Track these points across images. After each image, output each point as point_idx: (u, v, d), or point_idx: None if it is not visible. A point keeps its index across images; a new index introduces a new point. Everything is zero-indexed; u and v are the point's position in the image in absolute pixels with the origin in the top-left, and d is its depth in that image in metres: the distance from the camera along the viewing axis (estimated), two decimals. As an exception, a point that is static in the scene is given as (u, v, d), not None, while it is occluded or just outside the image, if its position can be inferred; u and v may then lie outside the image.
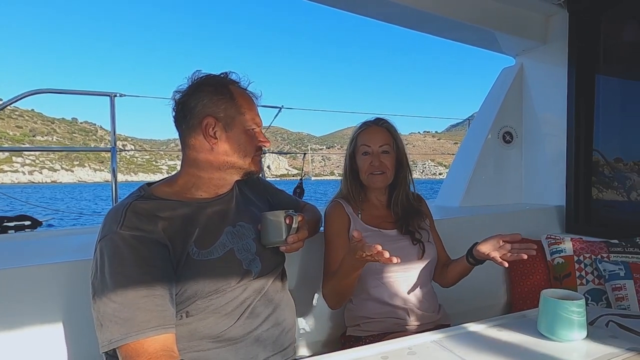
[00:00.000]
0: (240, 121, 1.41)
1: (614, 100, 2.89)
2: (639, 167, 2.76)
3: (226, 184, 1.49)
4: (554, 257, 2.46)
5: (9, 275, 1.46)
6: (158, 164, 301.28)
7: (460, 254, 2.08)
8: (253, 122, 1.45)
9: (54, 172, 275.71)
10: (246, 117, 1.42)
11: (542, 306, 1.19)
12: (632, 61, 2.86)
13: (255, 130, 1.46)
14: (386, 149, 1.89)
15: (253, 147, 1.45)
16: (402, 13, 2.77)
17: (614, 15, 2.85)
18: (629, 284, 2.12)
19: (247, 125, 1.43)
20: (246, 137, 1.43)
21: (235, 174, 1.47)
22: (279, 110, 5.16)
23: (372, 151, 1.89)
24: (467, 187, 3.23)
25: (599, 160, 2.92)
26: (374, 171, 1.88)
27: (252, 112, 1.45)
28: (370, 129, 1.94)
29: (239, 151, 1.42)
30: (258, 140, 1.47)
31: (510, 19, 3.02)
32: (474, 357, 1.07)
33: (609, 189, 2.91)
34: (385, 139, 1.91)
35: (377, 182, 1.90)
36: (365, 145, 1.91)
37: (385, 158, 1.89)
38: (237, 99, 1.41)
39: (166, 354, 1.10)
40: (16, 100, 3.23)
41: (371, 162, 1.88)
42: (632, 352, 1.07)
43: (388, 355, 1.09)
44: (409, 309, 1.81)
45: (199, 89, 1.41)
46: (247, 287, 1.40)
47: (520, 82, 3.42)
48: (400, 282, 1.82)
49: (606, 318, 1.25)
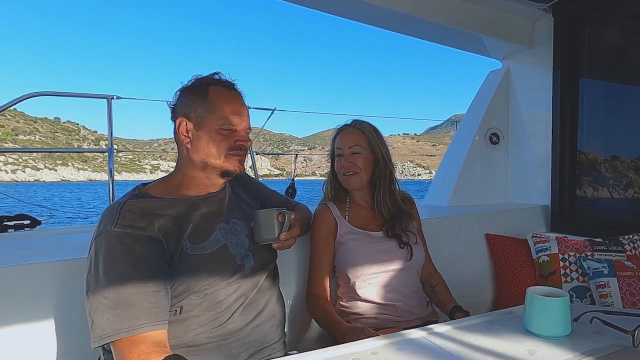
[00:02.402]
0: (210, 120, 1.39)
1: (598, 103, 2.91)
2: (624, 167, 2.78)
3: (213, 184, 1.48)
4: (539, 255, 2.47)
5: (8, 274, 1.46)
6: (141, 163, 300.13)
7: (447, 252, 2.11)
8: (226, 121, 1.40)
9: (37, 171, 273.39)
10: (217, 115, 1.39)
11: (527, 303, 1.19)
12: (615, 65, 2.88)
13: (229, 129, 1.41)
14: (356, 149, 1.89)
15: (226, 146, 1.41)
16: (392, 17, 2.76)
17: (598, 20, 2.86)
18: (613, 282, 2.13)
19: (218, 125, 1.39)
20: (217, 136, 1.40)
21: (214, 173, 1.44)
22: (271, 113, 5.15)
23: (343, 153, 1.91)
24: (455, 187, 3.24)
25: (584, 159, 2.94)
26: (345, 172, 1.90)
27: (226, 111, 1.40)
28: (344, 132, 1.95)
29: (210, 150, 1.41)
30: (234, 139, 1.42)
31: (497, 23, 3.03)
32: (461, 352, 1.07)
33: (592, 188, 2.93)
34: (355, 139, 1.91)
35: (349, 183, 1.91)
36: (338, 147, 1.93)
37: (355, 158, 1.89)
38: (210, 98, 1.40)
39: (158, 350, 1.10)
40: (15, 103, 3.22)
41: (342, 163, 1.90)
42: (615, 347, 1.07)
43: (378, 351, 1.08)
44: (397, 307, 1.82)
45: (183, 92, 1.44)
46: (240, 283, 1.41)
47: (506, 85, 3.43)
48: (387, 282, 1.83)
49: (590, 315, 1.25)
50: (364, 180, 1.92)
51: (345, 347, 1.11)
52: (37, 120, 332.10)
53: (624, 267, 2.18)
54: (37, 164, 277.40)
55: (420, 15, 2.72)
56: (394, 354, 1.07)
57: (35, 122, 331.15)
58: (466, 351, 1.08)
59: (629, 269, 2.16)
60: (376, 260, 1.82)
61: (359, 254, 1.83)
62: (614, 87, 2.94)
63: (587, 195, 2.95)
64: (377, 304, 1.81)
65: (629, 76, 2.83)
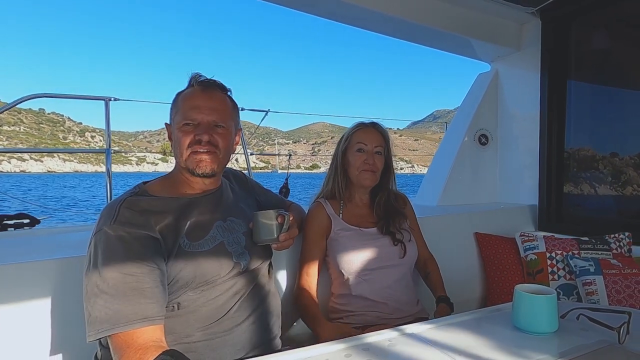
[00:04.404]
0: (175, 120, 1.41)
1: (584, 105, 2.93)
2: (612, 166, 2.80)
3: (204, 183, 1.48)
4: (527, 253, 2.48)
5: (8, 271, 1.46)
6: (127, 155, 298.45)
7: (437, 251, 2.11)
8: (184, 117, 1.39)
9: (22, 162, 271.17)
10: (179, 114, 1.40)
11: (515, 300, 1.20)
12: (601, 67, 2.90)
13: (188, 124, 1.39)
14: (379, 150, 1.93)
15: (186, 142, 1.39)
16: (382, 20, 2.76)
17: (584, 23, 2.88)
18: (599, 279, 2.14)
19: (180, 122, 1.39)
20: (179, 133, 1.39)
21: (188, 174, 1.43)
22: (265, 114, 5.15)
23: (367, 149, 1.91)
24: (445, 187, 3.25)
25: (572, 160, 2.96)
26: (367, 169, 1.90)
27: (185, 107, 1.39)
28: (367, 129, 1.96)
29: (176, 150, 1.42)
30: (193, 134, 1.39)
31: (486, 26, 3.05)
32: (451, 348, 1.07)
33: (579, 187, 2.95)
34: (379, 140, 1.94)
35: (367, 179, 1.92)
36: (361, 142, 1.93)
37: (377, 159, 1.92)
38: (178, 99, 1.42)
39: (155, 345, 1.10)
40: (15, 104, 3.24)
41: (365, 159, 1.90)
42: (602, 344, 1.07)
43: (369, 347, 1.08)
44: (389, 304, 1.82)
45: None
46: (236, 280, 1.41)
47: (495, 87, 3.45)
48: (380, 279, 1.83)
49: (577, 312, 1.26)
50: (378, 180, 1.96)
51: (338, 344, 1.11)
52: (21, 111, 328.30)
53: (610, 265, 2.19)
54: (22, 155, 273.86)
55: (411, 19, 2.72)
56: (386, 349, 1.07)
57: (19, 113, 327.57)
58: (456, 347, 1.08)
59: (614, 267, 2.18)
60: (370, 256, 1.82)
61: (352, 250, 1.83)
62: (600, 89, 2.95)
63: (574, 194, 2.97)
64: (369, 301, 1.81)
65: (614, 78, 2.85)
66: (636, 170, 2.66)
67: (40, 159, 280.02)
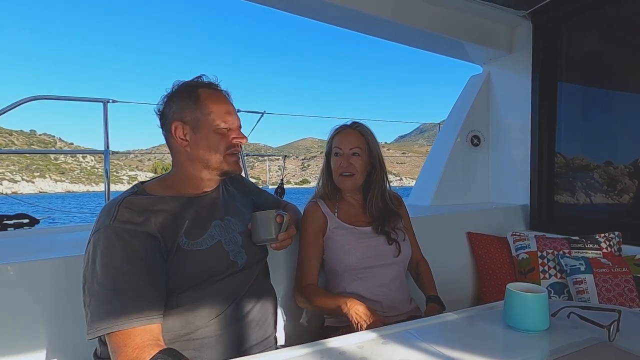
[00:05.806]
0: (207, 122, 1.40)
1: (575, 106, 2.94)
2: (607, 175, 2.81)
3: (208, 183, 1.49)
4: (518, 252, 2.48)
5: (7, 271, 1.46)
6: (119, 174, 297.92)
7: (430, 250, 2.11)
8: (222, 121, 1.41)
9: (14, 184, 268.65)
10: (212, 117, 1.40)
11: (507, 299, 1.20)
12: (591, 69, 2.91)
13: (225, 128, 1.43)
14: (356, 151, 1.89)
15: (223, 145, 1.42)
16: (374, 22, 2.76)
17: (575, 26, 2.90)
18: (589, 278, 2.14)
19: (215, 125, 1.40)
20: (215, 136, 1.41)
21: (212, 173, 1.46)
22: (260, 116, 5.13)
23: (342, 153, 1.89)
24: (437, 187, 3.27)
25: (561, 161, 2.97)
26: (342, 172, 1.89)
27: (220, 111, 1.42)
28: (344, 132, 1.94)
29: (209, 151, 1.41)
30: (231, 138, 1.44)
31: (478, 29, 3.06)
32: (444, 346, 1.07)
33: (576, 197, 2.96)
34: (355, 141, 1.90)
35: (345, 183, 1.90)
36: (337, 147, 1.91)
37: (354, 160, 1.88)
38: (203, 101, 1.40)
39: (153, 343, 1.09)
40: (13, 107, 3.24)
41: (341, 163, 1.89)
42: (592, 341, 1.08)
43: (363, 345, 1.08)
44: (383, 302, 1.82)
45: (171, 98, 1.44)
46: (233, 279, 1.41)
47: (487, 89, 3.46)
48: (374, 277, 1.83)
49: (568, 310, 1.26)
50: (359, 182, 1.92)
51: (333, 341, 1.11)
52: (12, 133, 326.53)
53: (600, 264, 2.20)
54: (14, 177, 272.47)
55: (404, 21, 2.73)
56: (379, 347, 1.07)
57: (10, 135, 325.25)
58: (448, 345, 1.08)
59: (604, 266, 2.18)
60: (365, 254, 1.82)
61: (348, 248, 1.82)
62: (591, 91, 2.97)
63: (564, 195, 2.98)
64: (363, 299, 1.80)
65: (604, 80, 2.86)
66: (632, 179, 2.66)
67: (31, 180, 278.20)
